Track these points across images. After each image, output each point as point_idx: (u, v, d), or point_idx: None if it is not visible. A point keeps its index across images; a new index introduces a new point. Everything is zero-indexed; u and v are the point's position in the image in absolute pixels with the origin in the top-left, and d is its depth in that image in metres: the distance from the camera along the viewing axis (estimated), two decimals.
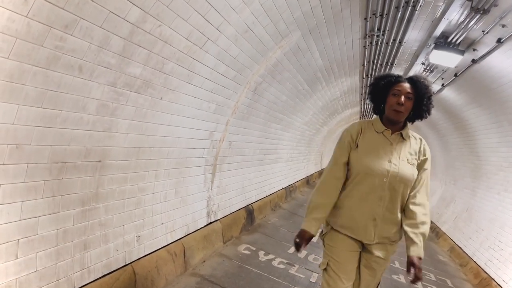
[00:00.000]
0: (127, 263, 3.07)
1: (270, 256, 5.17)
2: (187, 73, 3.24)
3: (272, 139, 7.44)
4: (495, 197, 8.59)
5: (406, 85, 2.49)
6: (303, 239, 2.48)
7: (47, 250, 2.31)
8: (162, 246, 3.62)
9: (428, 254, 8.55)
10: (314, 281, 4.79)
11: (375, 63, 7.33)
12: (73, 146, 2.37)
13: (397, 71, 9.31)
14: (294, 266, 5.11)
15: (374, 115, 2.74)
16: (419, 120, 2.65)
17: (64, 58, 2.05)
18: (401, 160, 2.52)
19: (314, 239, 2.64)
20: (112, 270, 2.89)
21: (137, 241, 3.22)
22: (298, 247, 2.49)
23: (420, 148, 2.61)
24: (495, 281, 6.74)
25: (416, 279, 2.37)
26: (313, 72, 6.56)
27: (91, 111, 2.41)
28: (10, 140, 1.95)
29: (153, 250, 3.46)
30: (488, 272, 7.18)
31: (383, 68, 7.77)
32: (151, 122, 3.10)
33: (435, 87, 9.33)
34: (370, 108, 14.80)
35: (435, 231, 11.36)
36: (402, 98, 2.44)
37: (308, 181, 13.48)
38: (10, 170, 1.99)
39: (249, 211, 6.30)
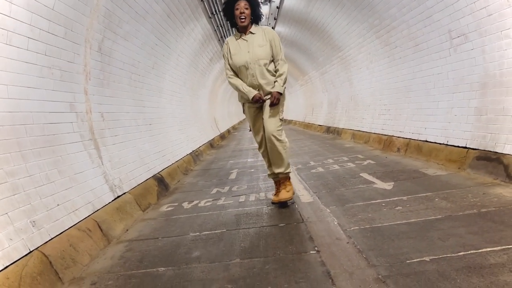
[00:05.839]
0: (31, 250, 2.72)
1: (195, 202, 5.06)
2: None
3: (152, 107, 7.16)
4: (366, 72, 9.40)
5: (242, 2, 4.03)
6: (258, 97, 4.12)
7: None
8: (68, 226, 3.28)
9: (335, 147, 9.17)
10: (243, 201, 4.82)
11: None
12: None
13: None
14: (221, 199, 5.08)
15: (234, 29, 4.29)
16: (259, 20, 4.22)
17: None
18: (255, 47, 4.08)
19: None
20: (14, 260, 2.53)
21: (33, 226, 2.86)
22: (259, 100, 4.12)
23: (264, 32, 4.14)
24: (394, 136, 7.48)
25: (272, 103, 4.09)
26: (156, 21, 6.35)
27: None
28: None
29: (59, 232, 3.12)
30: (386, 134, 7.93)
31: None
32: None
33: (276, 1, 9.72)
34: None
35: (336, 131, 12.20)
36: (240, 10, 4.02)
37: (211, 144, 13.44)
38: None
39: (159, 179, 6.06)
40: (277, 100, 4.07)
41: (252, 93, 4.09)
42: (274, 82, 4.13)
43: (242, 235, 3.50)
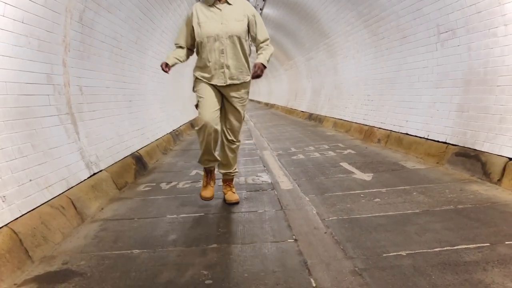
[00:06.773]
0: (0, 226, 2.62)
1: (173, 183, 4.99)
2: None
3: (133, 83, 6.96)
4: (352, 62, 9.38)
5: None
6: (164, 65, 3.52)
7: None
8: (41, 203, 3.17)
9: (317, 134, 9.19)
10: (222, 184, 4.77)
11: None
12: None
13: None
14: (200, 181, 5.00)
15: None
16: None
17: None
18: (230, 19, 3.50)
19: None
20: None
21: (3, 201, 2.74)
22: (163, 68, 3.51)
23: (243, 7, 3.61)
24: (375, 127, 7.52)
25: (256, 74, 3.45)
26: None
27: None
28: None
29: (31, 209, 3.01)
30: (368, 124, 7.97)
31: None
32: None
33: None
34: None
35: (318, 119, 12.21)
36: None
37: (192, 124, 13.27)
38: None
39: (137, 158, 5.94)
40: (261, 72, 3.45)
41: (168, 59, 3.57)
42: (258, 54, 3.55)
43: (220, 220, 3.47)
